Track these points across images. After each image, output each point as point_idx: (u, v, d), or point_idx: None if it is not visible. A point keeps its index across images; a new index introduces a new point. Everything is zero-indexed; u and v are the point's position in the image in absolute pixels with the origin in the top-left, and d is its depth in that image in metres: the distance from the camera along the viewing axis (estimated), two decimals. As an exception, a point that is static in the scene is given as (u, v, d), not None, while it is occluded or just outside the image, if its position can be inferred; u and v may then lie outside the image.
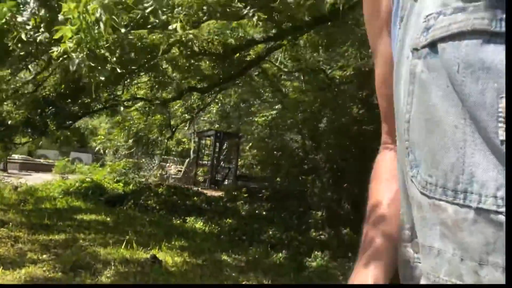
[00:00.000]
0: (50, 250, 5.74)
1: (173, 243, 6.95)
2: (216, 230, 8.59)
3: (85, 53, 2.89)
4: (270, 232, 8.04)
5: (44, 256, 5.45)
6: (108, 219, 8.44)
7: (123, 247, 6.25)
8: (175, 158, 22.52)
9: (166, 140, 12.67)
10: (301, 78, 12.22)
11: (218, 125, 19.02)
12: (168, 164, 20.16)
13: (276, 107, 12.94)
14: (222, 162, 18.13)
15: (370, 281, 0.53)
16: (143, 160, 11.78)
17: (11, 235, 6.29)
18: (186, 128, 14.72)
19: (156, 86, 8.96)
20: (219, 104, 17.05)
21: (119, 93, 9.63)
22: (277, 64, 11.03)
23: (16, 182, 10.98)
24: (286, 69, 11.19)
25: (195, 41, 6.61)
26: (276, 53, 10.89)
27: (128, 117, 11.48)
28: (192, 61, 7.10)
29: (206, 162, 18.88)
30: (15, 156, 15.89)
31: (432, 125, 0.41)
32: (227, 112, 20.11)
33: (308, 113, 10.99)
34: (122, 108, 9.19)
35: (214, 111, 19.00)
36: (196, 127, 19.90)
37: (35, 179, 12.57)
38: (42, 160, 18.56)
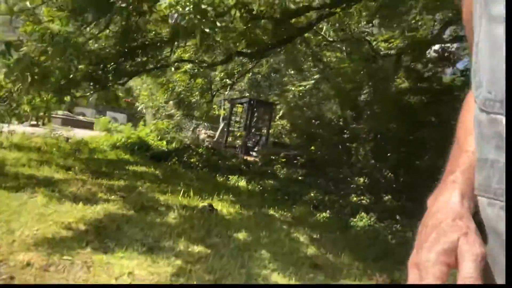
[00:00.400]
0: (116, 193, 6.20)
1: (221, 197, 7.33)
2: (259, 189, 8.97)
3: (191, 6, 3.11)
4: (312, 194, 8.36)
5: (112, 197, 5.91)
6: (157, 172, 8.92)
7: (180, 196, 6.70)
8: (205, 124, 22.93)
9: (205, 104, 12.92)
10: (344, 49, 12.18)
11: (247, 94, 19.19)
12: (199, 129, 20.60)
13: (315, 77, 12.99)
14: (253, 130, 18.39)
15: (457, 196, 0.52)
16: (184, 121, 12.13)
17: (78, 178, 6.81)
18: (226, 93, 14.89)
19: (203, 49, 9.10)
20: (250, 73, 17.16)
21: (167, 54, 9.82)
22: (321, 33, 10.99)
23: (65, 134, 11.60)
24: (330, 39, 11.14)
25: (254, 4, 6.75)
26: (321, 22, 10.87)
27: (172, 80, 11.78)
28: (249, 24, 7.21)
29: (237, 129, 19.16)
30: (59, 112, 16.59)
31: (494, 49, 0.45)
32: (258, 82, 20.21)
33: (349, 83, 11.01)
34: (172, 69, 9.44)
35: (245, 80, 19.16)
36: (227, 94, 20.10)
37: (78, 135, 13.18)
38: (81, 117, 19.30)
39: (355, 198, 8.26)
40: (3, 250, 3.35)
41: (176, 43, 8.95)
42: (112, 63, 7.32)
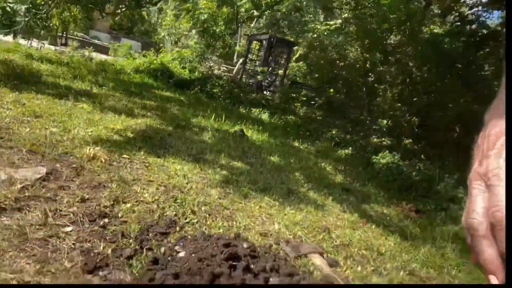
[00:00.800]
0: (150, 111, 6.36)
1: (248, 125, 7.50)
2: (281, 123, 9.14)
3: None
4: (333, 132, 8.52)
5: (149, 113, 6.08)
6: (182, 98, 9.02)
7: (211, 119, 6.87)
8: (219, 60, 22.59)
9: (229, 36, 12.63)
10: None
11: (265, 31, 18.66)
12: (212, 64, 20.33)
13: (344, 16, 12.57)
14: (271, 68, 18.16)
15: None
16: (207, 51, 11.97)
17: (112, 94, 6.93)
18: (252, 25, 14.50)
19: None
20: (269, 10, 16.56)
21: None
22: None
23: (87, 54, 11.54)
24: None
25: None
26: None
27: (198, 7, 11.43)
28: None
29: (252, 67, 18.89)
30: (78, 34, 16.33)
31: None
32: (277, 20, 19.55)
33: (382, 24, 10.67)
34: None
35: (264, 17, 18.53)
36: (245, 31, 19.53)
37: (97, 57, 13.08)
38: (97, 41, 18.99)
39: (375, 140, 8.42)
40: (66, 144, 3.56)
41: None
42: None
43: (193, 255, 2.13)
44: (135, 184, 3.11)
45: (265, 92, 16.04)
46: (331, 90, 12.17)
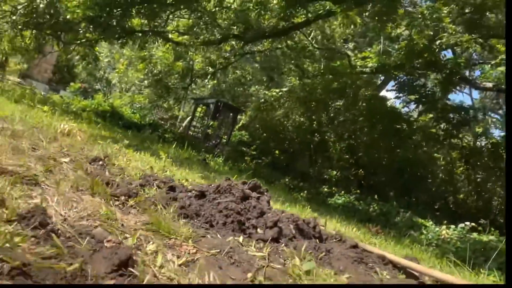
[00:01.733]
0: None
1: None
2: (235, 168, 9.10)
3: None
4: (286, 180, 8.68)
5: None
6: (135, 136, 8.70)
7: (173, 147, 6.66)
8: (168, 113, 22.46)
9: (183, 90, 12.89)
10: (322, 60, 12.93)
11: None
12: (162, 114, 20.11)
13: (290, 83, 13.58)
14: (215, 132, 18.45)
15: None
16: (158, 99, 11.98)
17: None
18: (205, 80, 14.94)
19: (201, 25, 9.17)
20: (215, 80, 17.48)
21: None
22: (309, 38, 11.66)
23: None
24: (316, 46, 11.81)
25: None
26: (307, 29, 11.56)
27: (154, 56, 11.68)
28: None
29: (195, 133, 19.03)
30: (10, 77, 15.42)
31: None
32: (222, 90, 20.53)
33: (325, 93, 11.68)
34: (170, 36, 9.43)
35: (209, 86, 19.45)
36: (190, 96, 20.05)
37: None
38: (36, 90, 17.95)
39: (326, 189, 8.70)
40: None
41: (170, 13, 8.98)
42: (119, 9, 7.16)
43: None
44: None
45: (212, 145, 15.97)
46: (277, 151, 12.63)
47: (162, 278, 1.35)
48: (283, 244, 2.16)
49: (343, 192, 7.64)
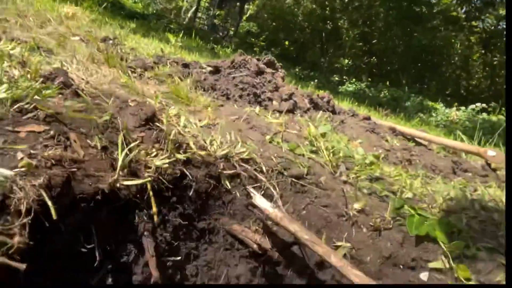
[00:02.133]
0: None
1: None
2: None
3: None
4: (297, 70, 8.54)
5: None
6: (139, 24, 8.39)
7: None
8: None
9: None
10: None
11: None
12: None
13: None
14: (222, 22, 17.61)
15: None
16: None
17: None
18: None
19: None
20: None
21: None
22: None
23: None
24: None
25: None
26: None
27: None
28: None
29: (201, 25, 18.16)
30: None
31: None
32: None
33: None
34: None
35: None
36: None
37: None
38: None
39: (337, 78, 8.60)
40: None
41: None
42: None
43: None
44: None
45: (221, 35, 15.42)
46: (286, 42, 12.16)
47: (186, 135, 1.42)
48: (298, 115, 2.22)
49: (354, 79, 7.55)
